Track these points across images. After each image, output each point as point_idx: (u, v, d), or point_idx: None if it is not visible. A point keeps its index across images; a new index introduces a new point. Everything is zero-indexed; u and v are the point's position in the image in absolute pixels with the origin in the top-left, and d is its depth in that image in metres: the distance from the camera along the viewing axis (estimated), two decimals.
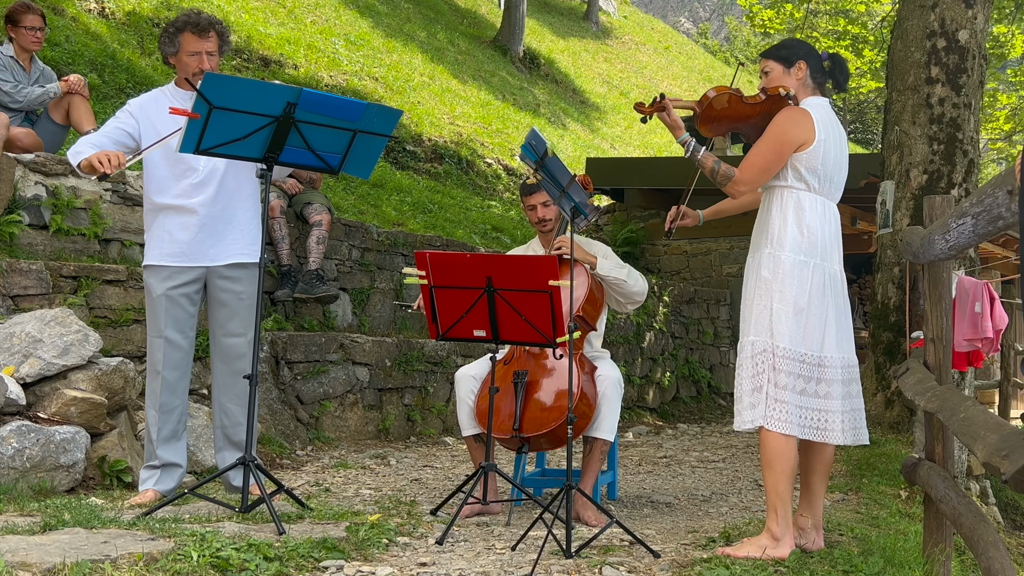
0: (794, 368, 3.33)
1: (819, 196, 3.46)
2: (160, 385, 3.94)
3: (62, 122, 5.81)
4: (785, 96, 3.51)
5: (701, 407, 10.15)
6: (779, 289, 3.37)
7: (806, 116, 3.43)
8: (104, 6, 10.58)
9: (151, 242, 4.01)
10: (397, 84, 14.32)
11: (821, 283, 3.40)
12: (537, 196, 4.37)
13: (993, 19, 15.57)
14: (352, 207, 8.77)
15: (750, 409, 3.36)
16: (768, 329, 3.37)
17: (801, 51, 3.58)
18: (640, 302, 4.42)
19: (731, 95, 3.58)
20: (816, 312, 3.37)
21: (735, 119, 3.61)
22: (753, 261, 3.51)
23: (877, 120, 31.65)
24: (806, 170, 3.43)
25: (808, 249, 3.40)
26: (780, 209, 3.46)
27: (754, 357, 3.38)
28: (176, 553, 2.80)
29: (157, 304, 3.95)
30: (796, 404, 3.32)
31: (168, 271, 3.95)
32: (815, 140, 3.40)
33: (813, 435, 3.34)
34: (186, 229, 3.96)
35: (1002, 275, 13.60)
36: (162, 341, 3.94)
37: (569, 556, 3.26)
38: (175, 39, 4.04)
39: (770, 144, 3.43)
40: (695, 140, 3.60)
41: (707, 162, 3.56)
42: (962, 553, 4.54)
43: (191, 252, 3.96)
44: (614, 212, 12.46)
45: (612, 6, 32.93)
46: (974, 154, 7.37)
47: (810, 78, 3.56)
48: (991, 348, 6.57)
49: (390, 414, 6.78)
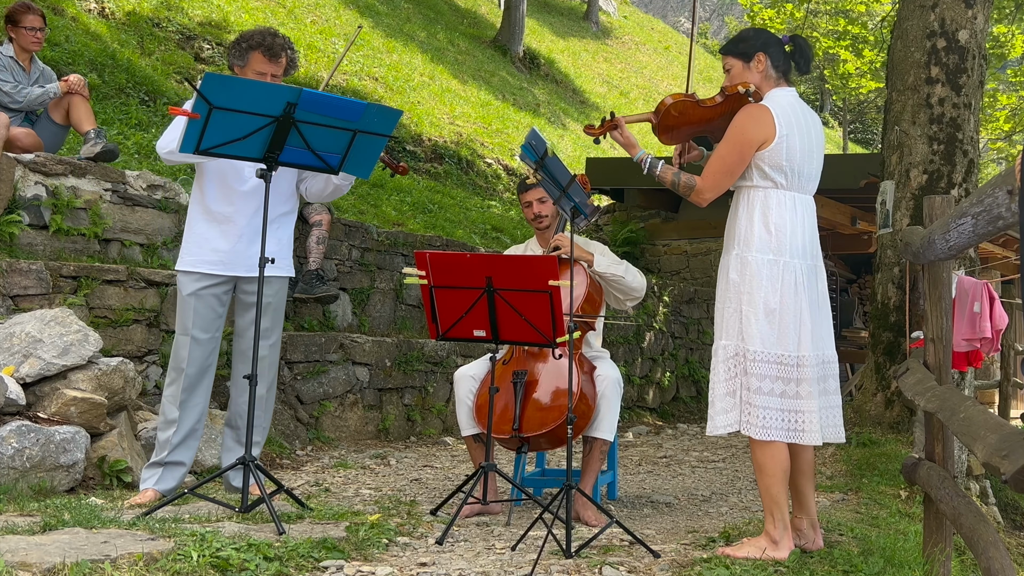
0: (771, 371, 3.28)
1: (788, 192, 3.39)
2: (184, 382, 3.97)
3: (62, 122, 5.81)
4: (744, 94, 3.45)
5: (701, 407, 10.15)
6: (747, 291, 3.33)
7: (764, 113, 3.35)
8: (104, 6, 10.58)
9: (189, 247, 4.04)
10: (397, 84, 14.31)
11: (793, 281, 3.34)
12: (532, 192, 4.37)
13: (993, 19, 15.57)
14: (352, 207, 8.77)
15: (723, 414, 3.34)
16: (739, 333, 3.33)
17: (759, 42, 3.48)
18: (639, 298, 4.42)
19: (686, 101, 3.52)
20: (790, 311, 3.31)
21: (694, 124, 3.55)
22: (723, 263, 3.47)
23: (877, 120, 31.65)
24: (770, 168, 3.36)
25: (776, 247, 3.34)
26: (747, 209, 3.40)
27: (727, 361, 3.35)
28: (176, 553, 2.80)
29: (186, 303, 3.99)
30: (777, 408, 3.28)
31: (201, 274, 4.00)
32: (776, 136, 3.33)
33: (793, 438, 3.29)
34: (226, 238, 4.00)
35: (1002, 275, 13.61)
36: (188, 339, 3.97)
37: (569, 556, 3.26)
38: (246, 55, 4.08)
39: (729, 146, 3.37)
40: (650, 156, 3.57)
41: (667, 176, 3.52)
42: (962, 553, 4.54)
43: (228, 261, 4.01)
44: (614, 212, 12.46)
45: (612, 6, 32.93)
46: (974, 154, 7.37)
47: (772, 68, 3.47)
48: (991, 348, 6.56)
49: (390, 414, 6.78)
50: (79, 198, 5.51)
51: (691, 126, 3.57)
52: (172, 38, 10.97)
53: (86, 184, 5.57)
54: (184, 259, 4.05)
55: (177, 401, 3.97)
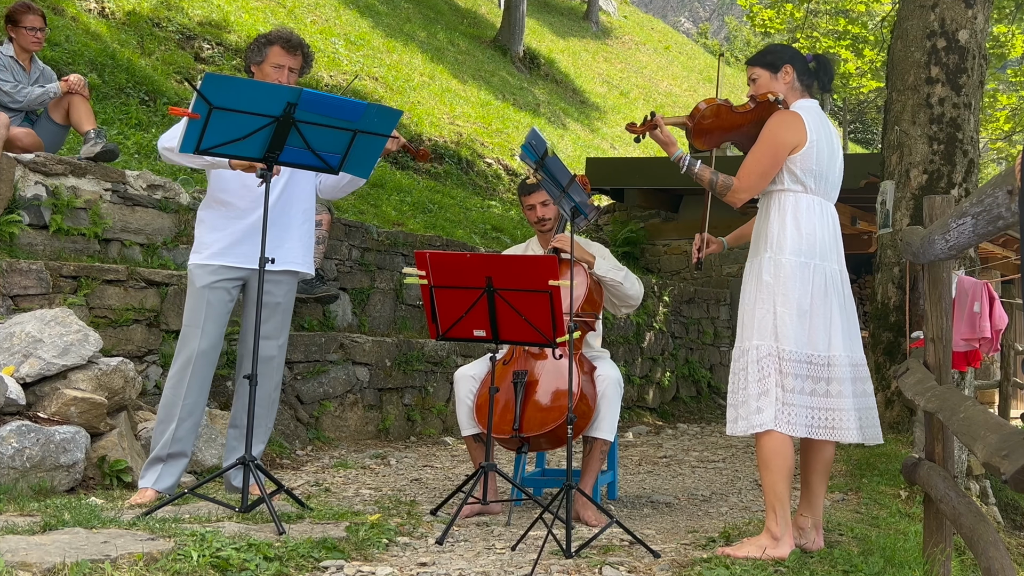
0: (801, 370, 3.34)
1: (816, 197, 3.49)
2: (190, 375, 3.96)
3: (62, 122, 5.81)
4: (775, 101, 3.56)
5: (701, 407, 10.15)
6: (782, 292, 3.38)
7: (797, 119, 3.46)
8: (104, 6, 10.58)
9: (204, 239, 4.04)
10: (397, 84, 14.31)
11: (823, 283, 3.41)
12: (536, 195, 4.37)
13: (993, 19, 15.57)
14: (352, 207, 8.77)
15: (757, 414, 3.35)
16: (773, 333, 3.38)
17: (786, 55, 3.61)
18: (635, 306, 4.43)
19: (720, 106, 3.62)
20: (820, 312, 3.39)
21: (727, 129, 3.64)
22: (753, 265, 3.52)
23: (877, 120, 31.65)
24: (801, 171, 3.45)
25: (808, 250, 3.42)
26: (779, 212, 3.48)
27: (759, 361, 3.38)
28: (176, 553, 2.80)
29: (199, 296, 3.99)
30: (804, 405, 3.33)
31: (216, 266, 4.01)
32: (808, 141, 3.44)
33: (826, 435, 3.34)
34: (244, 231, 4.01)
35: (1002, 275, 13.61)
36: (198, 331, 3.97)
37: (569, 556, 3.26)
38: (264, 49, 4.12)
39: (765, 149, 3.46)
40: (688, 156, 3.63)
41: (704, 175, 3.59)
42: (962, 553, 4.54)
43: (243, 254, 4.01)
44: (614, 212, 12.46)
45: (612, 6, 32.93)
46: (974, 154, 7.37)
47: (797, 81, 3.59)
48: (990, 348, 6.56)
49: (390, 414, 6.78)
50: (79, 198, 5.51)
51: (724, 131, 3.65)
52: (172, 38, 10.97)
53: (86, 184, 5.57)
54: (200, 252, 4.04)
55: (181, 394, 3.96)
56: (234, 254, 4.02)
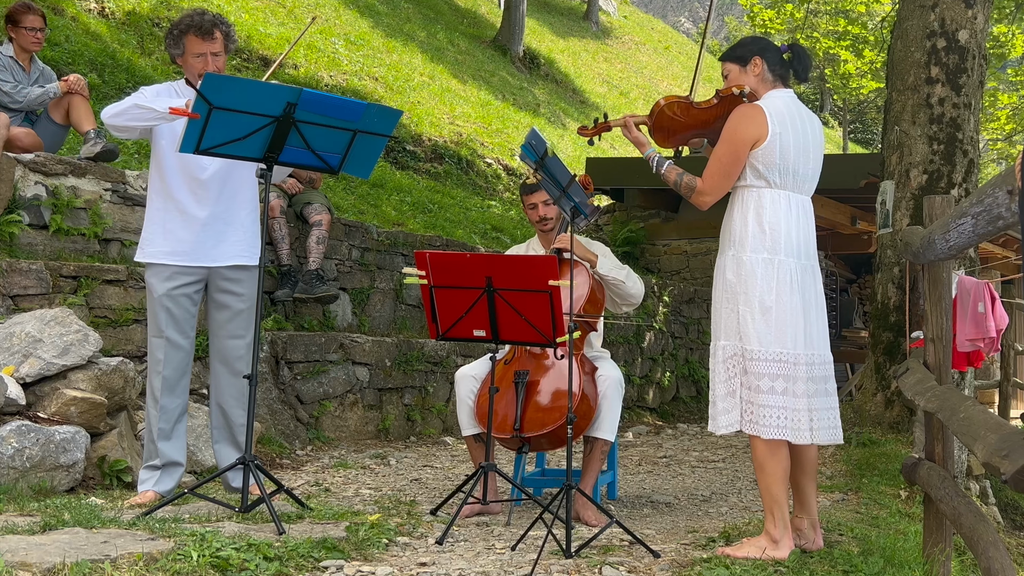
0: (771, 369, 3.29)
1: (782, 191, 3.40)
2: (161, 384, 3.93)
3: (62, 122, 5.81)
4: (739, 95, 3.48)
5: (701, 407, 10.15)
6: (743, 291, 3.34)
7: (756, 111, 3.38)
8: (104, 6, 10.58)
9: (151, 239, 3.97)
10: (397, 84, 14.31)
11: (788, 279, 3.34)
12: (538, 195, 4.37)
13: (993, 19, 15.57)
14: (352, 207, 8.77)
15: (724, 414, 3.36)
16: (736, 332, 3.35)
17: (756, 47, 3.53)
18: (636, 304, 4.44)
19: (680, 103, 3.56)
20: (786, 308, 3.32)
21: (692, 126, 3.59)
22: (719, 264, 3.48)
23: (877, 120, 31.64)
24: (764, 166, 3.37)
25: (771, 246, 3.35)
26: (741, 209, 3.42)
27: (725, 362, 3.37)
28: (176, 553, 2.80)
29: (158, 304, 3.94)
30: (779, 406, 3.28)
31: (170, 271, 3.94)
32: (768, 134, 3.35)
33: (790, 436, 3.30)
34: (189, 228, 3.95)
35: (1002, 275, 13.61)
36: (163, 341, 3.93)
37: (569, 556, 3.26)
38: (180, 41, 4.03)
39: (725, 147, 3.40)
40: (658, 155, 3.60)
41: (670, 176, 3.55)
42: (962, 553, 4.54)
43: (193, 252, 3.95)
44: (614, 212, 12.46)
45: (612, 6, 32.93)
46: (974, 154, 7.37)
47: (768, 72, 3.50)
48: (992, 348, 6.56)
49: (390, 414, 6.78)
50: (79, 198, 5.51)
51: (689, 128, 3.60)
52: None
53: (86, 184, 5.57)
54: (148, 251, 3.96)
55: (158, 404, 3.93)
56: (186, 253, 3.93)
